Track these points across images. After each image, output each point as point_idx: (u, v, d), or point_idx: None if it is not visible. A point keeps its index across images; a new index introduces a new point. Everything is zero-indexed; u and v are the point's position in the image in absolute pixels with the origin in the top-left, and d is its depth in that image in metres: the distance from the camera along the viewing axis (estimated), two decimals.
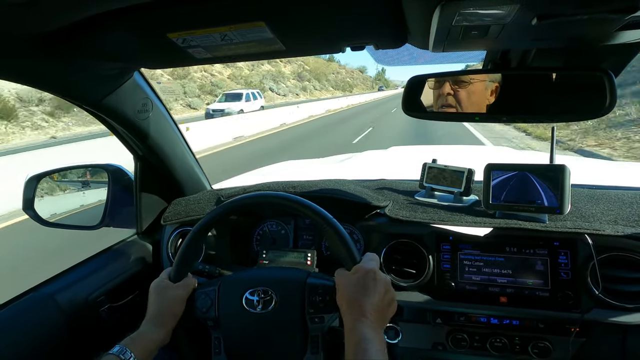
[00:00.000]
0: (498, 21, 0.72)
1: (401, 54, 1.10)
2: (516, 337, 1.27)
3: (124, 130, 1.40)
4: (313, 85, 66.06)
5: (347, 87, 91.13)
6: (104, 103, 1.23)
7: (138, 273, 1.53)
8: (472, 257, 1.29)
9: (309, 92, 58.28)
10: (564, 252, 1.22)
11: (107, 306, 1.35)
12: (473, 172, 1.42)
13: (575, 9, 0.66)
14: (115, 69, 1.18)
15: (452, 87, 1.03)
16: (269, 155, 11.00)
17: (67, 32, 0.84)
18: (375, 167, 2.53)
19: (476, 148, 3.22)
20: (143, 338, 0.94)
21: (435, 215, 1.32)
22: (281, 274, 1.09)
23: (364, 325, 0.83)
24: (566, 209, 1.20)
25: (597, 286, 1.17)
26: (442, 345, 1.34)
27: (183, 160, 1.65)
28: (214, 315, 1.03)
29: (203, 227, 1.06)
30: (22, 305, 1.17)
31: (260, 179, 1.82)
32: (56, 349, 1.19)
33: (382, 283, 0.90)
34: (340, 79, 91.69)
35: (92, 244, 1.70)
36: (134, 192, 1.61)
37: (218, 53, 1.02)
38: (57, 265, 1.38)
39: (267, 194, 1.06)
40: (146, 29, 0.90)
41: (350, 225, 1.45)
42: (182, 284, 1.05)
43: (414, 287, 1.33)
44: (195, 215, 1.51)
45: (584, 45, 0.88)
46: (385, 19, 0.85)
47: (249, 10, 0.81)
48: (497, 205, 1.27)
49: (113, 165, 1.61)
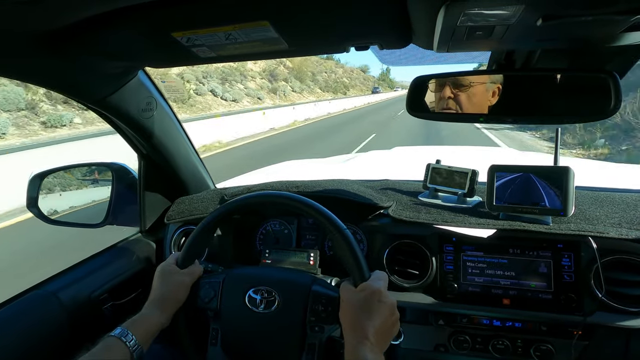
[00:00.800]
0: (503, 22, 0.72)
1: (406, 54, 1.10)
2: (518, 340, 1.26)
3: (128, 129, 1.41)
4: (291, 87, 51.29)
5: (342, 89, 76.08)
6: (109, 101, 1.23)
7: (141, 271, 1.53)
8: (475, 258, 1.29)
9: (284, 95, 46.05)
10: (568, 254, 1.21)
11: (109, 304, 1.36)
12: (477, 173, 1.41)
13: (581, 10, 0.66)
14: (119, 68, 1.18)
15: (453, 91, 1.03)
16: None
17: (73, 31, 0.85)
18: (379, 168, 2.53)
19: (480, 149, 3.21)
20: (144, 321, 0.96)
21: (438, 216, 1.31)
22: (287, 276, 1.09)
23: (365, 347, 0.82)
24: (570, 211, 1.19)
25: (600, 289, 1.16)
26: (444, 346, 1.34)
27: (187, 159, 1.66)
28: (216, 306, 1.04)
29: (222, 214, 1.08)
30: (25, 302, 1.18)
31: (263, 179, 1.82)
32: (58, 345, 1.19)
33: (388, 306, 0.89)
34: (334, 79, 78.10)
35: (97, 241, 1.70)
36: (137, 191, 1.61)
37: (222, 52, 1.02)
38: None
39: (283, 194, 1.06)
40: (151, 27, 0.90)
41: (354, 225, 1.45)
42: (188, 270, 1.07)
43: (417, 288, 1.33)
44: (199, 214, 1.51)
45: (589, 47, 0.88)
46: (390, 19, 0.85)
47: (253, 9, 0.81)
48: (500, 207, 1.27)
49: (117, 164, 1.62)
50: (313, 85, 62.19)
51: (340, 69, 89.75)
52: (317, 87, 63.51)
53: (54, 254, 4.70)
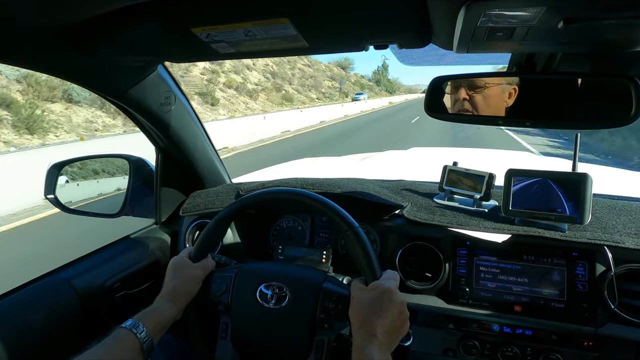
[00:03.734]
0: (524, 23, 0.71)
1: (425, 54, 1.10)
2: (528, 348, 1.25)
3: (147, 122, 1.42)
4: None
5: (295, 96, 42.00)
6: (128, 95, 1.25)
7: (155, 262, 1.55)
8: (489, 263, 1.28)
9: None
10: (582, 263, 1.19)
11: (122, 292, 1.38)
12: (494, 177, 1.39)
13: (603, 13, 0.65)
14: (139, 62, 1.20)
15: (468, 93, 1.02)
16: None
17: (95, 25, 0.86)
18: (395, 167, 2.52)
19: (498, 152, 3.17)
20: (156, 313, 0.97)
21: (453, 219, 1.30)
22: (298, 273, 1.09)
23: (373, 345, 0.82)
24: (587, 219, 1.17)
25: (613, 300, 1.14)
26: (453, 351, 1.33)
27: (204, 154, 1.67)
28: (227, 301, 1.05)
29: (237, 209, 1.09)
30: (39, 287, 1.20)
31: (279, 175, 1.82)
32: (71, 331, 1.22)
33: (397, 304, 0.89)
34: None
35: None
36: (154, 183, 1.63)
37: (241, 48, 1.03)
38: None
39: (298, 191, 1.07)
40: (171, 23, 0.91)
41: (368, 225, 1.45)
42: (200, 264, 1.08)
43: (429, 290, 1.32)
44: (214, 208, 1.52)
45: (611, 51, 0.86)
46: (410, 18, 0.85)
47: (273, 6, 0.82)
48: (516, 212, 1.25)
49: (134, 156, 1.64)
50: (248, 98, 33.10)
51: (310, 68, 57.80)
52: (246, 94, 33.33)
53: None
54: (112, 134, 15.57)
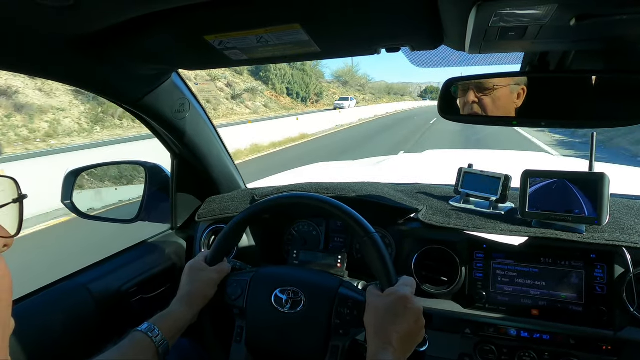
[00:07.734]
0: (535, 22, 0.70)
1: (437, 55, 1.09)
2: (545, 353, 1.22)
3: (162, 129, 1.44)
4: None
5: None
6: (143, 102, 1.27)
7: (171, 267, 1.57)
8: (506, 266, 1.26)
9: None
10: (601, 265, 1.17)
11: (138, 297, 1.39)
12: (510, 179, 1.38)
13: (615, 9, 0.64)
14: (154, 70, 1.21)
15: (477, 95, 1.01)
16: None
17: (110, 34, 0.88)
18: (410, 171, 2.51)
19: (513, 153, 3.13)
20: (171, 317, 0.98)
21: (469, 222, 1.29)
22: (314, 278, 1.09)
23: (388, 352, 0.82)
24: (604, 220, 1.14)
25: (632, 303, 1.12)
26: (469, 356, 1.31)
27: (219, 159, 1.68)
28: (242, 304, 1.06)
29: (253, 214, 1.10)
30: (56, 291, 1.22)
31: (293, 180, 1.83)
32: (87, 335, 1.23)
33: (414, 311, 0.88)
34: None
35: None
36: (170, 189, 1.65)
37: (254, 55, 1.04)
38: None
39: (313, 196, 1.08)
40: (184, 31, 0.92)
41: (383, 229, 1.44)
42: (216, 268, 1.09)
43: (445, 294, 1.30)
44: (230, 213, 1.53)
45: (625, 47, 0.85)
46: (421, 20, 0.85)
47: (285, 13, 0.82)
48: (533, 214, 1.23)
49: (150, 162, 1.66)
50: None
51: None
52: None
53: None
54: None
